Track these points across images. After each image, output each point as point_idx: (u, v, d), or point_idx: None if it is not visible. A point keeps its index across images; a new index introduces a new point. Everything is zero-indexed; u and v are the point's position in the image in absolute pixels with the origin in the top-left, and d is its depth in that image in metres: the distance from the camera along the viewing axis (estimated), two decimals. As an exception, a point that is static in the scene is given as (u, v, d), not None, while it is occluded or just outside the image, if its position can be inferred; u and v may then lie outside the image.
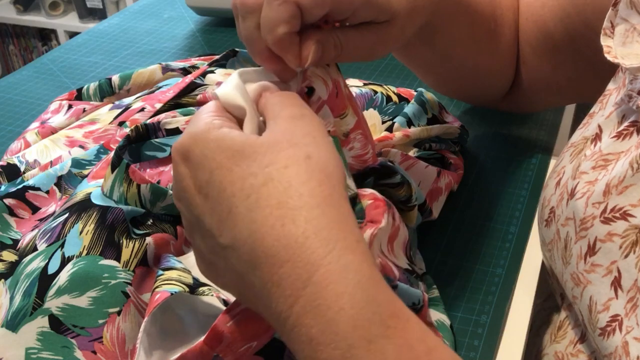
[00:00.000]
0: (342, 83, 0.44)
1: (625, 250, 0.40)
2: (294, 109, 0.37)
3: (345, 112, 0.43)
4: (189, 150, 0.35)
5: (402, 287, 0.42)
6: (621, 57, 0.42)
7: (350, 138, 0.43)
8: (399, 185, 0.48)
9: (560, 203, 0.46)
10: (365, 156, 0.45)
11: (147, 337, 0.37)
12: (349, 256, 0.31)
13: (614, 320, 0.40)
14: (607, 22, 0.44)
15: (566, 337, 0.49)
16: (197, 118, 0.37)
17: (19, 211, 0.52)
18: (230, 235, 0.33)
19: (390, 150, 0.55)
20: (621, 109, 0.44)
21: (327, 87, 0.42)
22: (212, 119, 0.36)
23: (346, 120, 0.43)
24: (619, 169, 0.41)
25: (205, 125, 0.36)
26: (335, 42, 0.42)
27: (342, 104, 0.43)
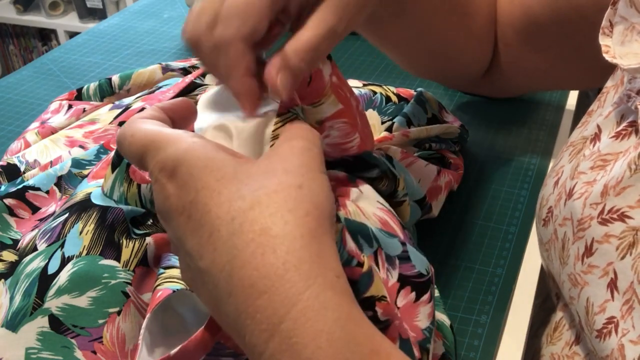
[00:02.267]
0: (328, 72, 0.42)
1: (622, 251, 0.40)
2: (299, 141, 0.36)
3: (321, 101, 0.42)
4: (175, 167, 0.34)
5: (412, 251, 0.42)
6: (619, 56, 0.42)
7: (325, 126, 0.42)
8: (377, 179, 0.46)
9: (558, 203, 0.46)
10: (346, 144, 0.44)
11: (149, 335, 0.37)
12: (328, 292, 0.30)
13: (610, 322, 0.40)
14: (605, 21, 0.44)
15: (562, 338, 0.48)
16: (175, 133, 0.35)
17: (19, 211, 0.52)
18: (210, 258, 0.32)
19: (390, 147, 0.55)
20: (620, 108, 0.43)
21: None
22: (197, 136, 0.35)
23: (322, 109, 0.42)
24: (617, 170, 0.41)
25: (192, 142, 0.34)
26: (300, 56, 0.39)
27: (316, 92, 0.42)
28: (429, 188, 0.55)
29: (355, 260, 0.37)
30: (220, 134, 0.39)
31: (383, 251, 0.41)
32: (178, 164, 0.33)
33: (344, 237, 0.37)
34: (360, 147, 0.45)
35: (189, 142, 0.34)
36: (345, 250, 0.36)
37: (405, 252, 0.41)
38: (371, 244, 0.40)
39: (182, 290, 0.39)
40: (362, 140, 0.45)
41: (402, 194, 0.47)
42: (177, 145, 0.34)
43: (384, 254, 0.41)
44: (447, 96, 0.77)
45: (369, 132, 0.47)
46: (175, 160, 0.34)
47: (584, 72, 0.61)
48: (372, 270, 0.37)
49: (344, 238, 0.37)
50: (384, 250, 0.41)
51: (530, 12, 0.59)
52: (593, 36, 0.45)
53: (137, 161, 0.36)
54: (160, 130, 0.36)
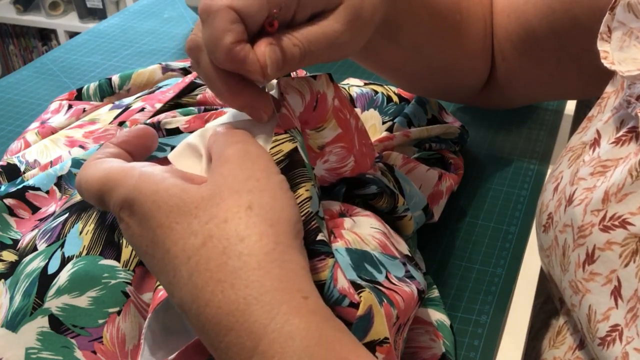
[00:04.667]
0: (331, 96, 0.42)
1: (625, 259, 0.39)
2: (239, 146, 0.35)
3: (323, 126, 0.42)
4: (131, 206, 0.33)
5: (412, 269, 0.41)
6: (618, 62, 0.42)
7: (325, 151, 0.42)
8: (377, 195, 0.46)
9: (558, 209, 0.46)
10: (340, 169, 0.44)
11: (151, 334, 0.37)
12: (294, 320, 0.29)
13: (614, 330, 0.40)
14: (603, 26, 0.44)
15: (565, 342, 0.48)
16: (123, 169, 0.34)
17: (19, 211, 0.52)
18: (178, 297, 0.32)
19: (392, 153, 0.55)
20: (620, 114, 0.43)
21: (304, 100, 0.40)
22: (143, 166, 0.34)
23: (323, 134, 0.42)
24: (618, 176, 0.40)
25: (139, 176, 0.33)
26: (292, 40, 0.37)
27: (320, 117, 0.41)
28: (431, 193, 0.56)
29: (347, 299, 0.35)
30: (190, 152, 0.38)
31: (392, 274, 0.40)
32: (131, 202, 0.33)
33: (335, 274, 0.35)
34: (354, 170, 0.44)
35: (135, 177, 0.34)
36: (337, 288, 0.35)
37: (408, 272, 0.41)
38: (380, 270, 0.39)
39: None
40: (357, 163, 0.44)
41: (403, 209, 0.47)
42: (127, 182, 0.34)
43: (394, 277, 0.40)
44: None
45: (367, 151, 0.46)
46: (128, 199, 0.33)
47: (583, 82, 0.61)
48: (371, 311, 0.35)
49: (335, 275, 0.35)
50: (393, 273, 0.40)
51: (528, 25, 0.59)
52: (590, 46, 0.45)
53: (98, 204, 0.36)
54: (110, 168, 0.35)
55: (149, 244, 0.33)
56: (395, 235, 0.44)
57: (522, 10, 0.60)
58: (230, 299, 0.30)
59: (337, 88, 0.43)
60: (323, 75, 0.42)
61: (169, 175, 0.34)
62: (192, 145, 0.39)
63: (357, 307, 0.35)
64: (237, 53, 0.35)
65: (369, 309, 0.35)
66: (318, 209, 0.37)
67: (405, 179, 0.51)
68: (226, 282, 0.30)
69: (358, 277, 0.37)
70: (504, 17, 0.61)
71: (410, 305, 0.39)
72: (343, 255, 0.38)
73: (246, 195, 0.32)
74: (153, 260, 0.33)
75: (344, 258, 0.38)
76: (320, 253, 0.35)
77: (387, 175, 0.49)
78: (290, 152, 0.37)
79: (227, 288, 0.30)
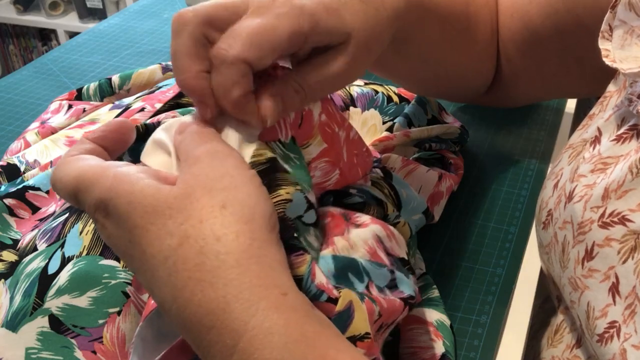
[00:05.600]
0: (317, 112, 0.41)
1: (624, 255, 0.39)
2: (207, 146, 0.34)
3: (309, 142, 0.41)
4: (106, 207, 0.33)
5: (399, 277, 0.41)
6: (619, 60, 0.42)
7: (311, 167, 0.41)
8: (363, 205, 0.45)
9: (558, 206, 0.46)
10: (324, 184, 0.43)
11: (141, 343, 0.37)
12: (273, 316, 0.29)
13: (611, 326, 0.40)
14: (605, 25, 0.44)
15: (563, 341, 0.48)
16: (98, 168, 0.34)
17: (19, 211, 0.52)
18: (159, 296, 0.32)
19: (391, 156, 0.55)
20: (621, 112, 0.43)
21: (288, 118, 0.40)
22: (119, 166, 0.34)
23: (308, 150, 0.41)
24: (618, 173, 0.40)
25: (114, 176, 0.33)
26: (294, 87, 0.38)
27: (306, 134, 0.41)
28: (431, 194, 0.55)
29: (325, 294, 0.35)
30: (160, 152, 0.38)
31: (374, 284, 0.39)
32: (107, 203, 0.33)
33: (313, 269, 0.35)
34: (339, 182, 0.44)
35: (110, 178, 0.33)
36: (314, 284, 0.35)
37: (393, 280, 0.41)
38: (362, 279, 0.39)
39: None
40: (342, 175, 0.44)
41: (394, 216, 0.46)
42: (102, 183, 0.33)
43: (375, 287, 0.39)
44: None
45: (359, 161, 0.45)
46: (103, 200, 0.33)
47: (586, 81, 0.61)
48: (351, 306, 0.35)
49: (313, 271, 0.35)
50: (375, 282, 0.40)
51: (531, 25, 0.59)
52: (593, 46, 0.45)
53: (73, 202, 0.36)
54: (84, 167, 0.35)
55: (127, 244, 0.33)
56: (398, 236, 0.44)
57: (525, 11, 0.60)
58: (210, 298, 0.30)
59: (326, 101, 0.42)
60: None
61: (143, 175, 0.34)
62: (158, 141, 0.38)
63: (335, 303, 0.35)
64: (243, 105, 0.36)
65: (348, 304, 0.35)
66: (302, 214, 0.37)
67: (403, 183, 0.51)
68: (205, 281, 0.30)
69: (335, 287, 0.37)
70: (508, 17, 0.62)
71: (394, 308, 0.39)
72: (328, 262, 0.38)
73: (219, 193, 0.32)
74: (132, 260, 0.33)
75: (327, 265, 0.37)
76: (298, 248, 0.35)
77: (380, 184, 0.49)
78: (271, 159, 0.37)
79: (207, 287, 0.30)
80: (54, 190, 0.37)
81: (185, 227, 0.31)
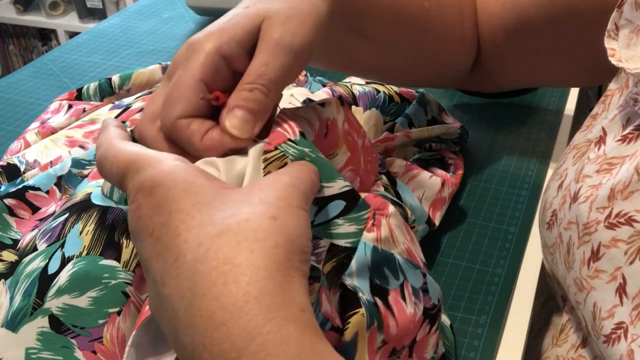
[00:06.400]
0: (341, 120, 0.41)
1: (631, 256, 0.39)
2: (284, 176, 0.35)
3: (335, 152, 0.41)
4: (153, 188, 0.33)
5: (430, 281, 0.41)
6: (625, 59, 0.42)
7: None
8: None
9: (563, 206, 0.45)
10: None
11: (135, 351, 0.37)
12: (290, 326, 0.29)
13: (619, 327, 0.40)
14: (611, 24, 0.44)
15: (568, 340, 0.48)
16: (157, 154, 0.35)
17: (19, 211, 0.52)
18: (172, 285, 0.31)
19: (395, 160, 0.54)
20: (626, 111, 0.43)
21: (313, 128, 0.40)
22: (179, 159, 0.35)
23: (335, 160, 0.41)
24: (624, 174, 0.40)
25: (174, 165, 0.34)
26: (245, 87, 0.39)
27: (332, 144, 0.41)
28: (433, 200, 0.55)
29: (329, 323, 0.35)
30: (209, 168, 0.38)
31: (409, 284, 0.39)
32: (156, 184, 0.33)
33: (320, 298, 0.35)
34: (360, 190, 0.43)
35: (170, 165, 0.34)
36: (320, 312, 0.35)
37: (425, 284, 0.41)
38: (397, 277, 0.39)
39: None
40: (362, 183, 0.44)
41: (412, 219, 0.47)
42: (159, 167, 0.34)
43: (410, 287, 0.39)
44: (447, 97, 0.77)
45: (371, 168, 0.46)
46: (154, 181, 0.33)
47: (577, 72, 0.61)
48: (356, 339, 0.35)
49: (320, 299, 0.35)
50: (410, 282, 0.39)
51: (525, 13, 0.59)
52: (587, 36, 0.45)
53: (117, 181, 0.36)
54: (142, 151, 0.36)
55: (157, 226, 0.32)
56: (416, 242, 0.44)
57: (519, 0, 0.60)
58: (231, 292, 0.29)
59: (347, 110, 0.42)
60: (333, 100, 0.42)
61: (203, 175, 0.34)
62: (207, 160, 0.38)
63: (338, 331, 0.35)
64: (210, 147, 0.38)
65: (354, 336, 0.35)
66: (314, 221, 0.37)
67: (407, 191, 0.51)
68: (230, 275, 0.29)
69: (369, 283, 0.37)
70: (498, 6, 0.62)
71: (407, 330, 0.38)
72: (367, 254, 0.38)
73: (274, 209, 0.32)
74: (155, 244, 0.32)
75: (365, 257, 0.37)
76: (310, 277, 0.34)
77: (390, 191, 0.49)
78: None
79: (230, 281, 0.29)
80: (99, 169, 0.38)
81: (230, 222, 0.31)
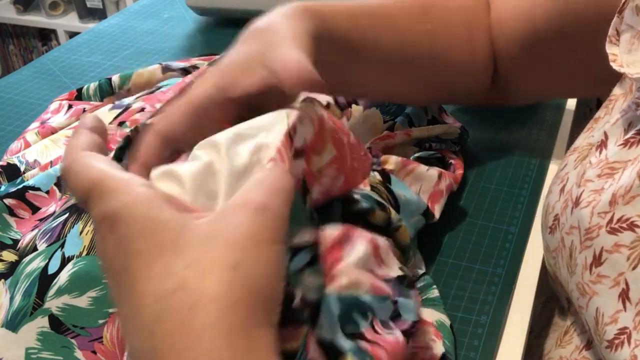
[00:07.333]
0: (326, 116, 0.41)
1: (634, 262, 0.39)
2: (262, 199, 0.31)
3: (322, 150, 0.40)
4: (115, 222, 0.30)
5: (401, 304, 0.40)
6: (627, 65, 0.42)
7: (323, 174, 0.40)
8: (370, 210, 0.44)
9: (565, 211, 0.45)
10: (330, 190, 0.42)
11: None
12: None
13: (622, 333, 0.39)
14: (612, 29, 0.44)
15: (572, 342, 0.48)
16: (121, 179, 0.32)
17: (19, 211, 0.52)
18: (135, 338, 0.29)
19: (390, 157, 0.54)
20: (628, 116, 0.43)
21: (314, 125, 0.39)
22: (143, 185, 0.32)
23: (322, 157, 0.40)
24: (626, 179, 0.40)
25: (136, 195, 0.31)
26: None
27: (322, 141, 0.40)
28: (431, 193, 0.55)
29: None
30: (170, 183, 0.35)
31: (378, 319, 0.38)
32: (118, 218, 0.30)
33: (307, 343, 0.33)
34: (343, 187, 0.43)
35: (132, 195, 0.31)
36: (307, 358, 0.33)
37: (396, 311, 0.39)
38: (366, 317, 0.38)
39: None
40: (346, 180, 0.43)
41: (397, 219, 0.46)
42: (121, 197, 0.31)
43: (379, 321, 0.38)
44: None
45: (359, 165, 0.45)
46: (116, 214, 0.30)
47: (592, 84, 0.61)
48: None
49: (308, 345, 0.33)
50: (378, 317, 0.38)
51: (535, 27, 0.59)
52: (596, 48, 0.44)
53: (81, 200, 0.33)
54: (107, 173, 0.32)
55: (120, 270, 0.30)
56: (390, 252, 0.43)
57: (529, 13, 0.60)
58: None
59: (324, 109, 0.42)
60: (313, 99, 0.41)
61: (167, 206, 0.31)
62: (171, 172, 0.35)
63: None
64: None
65: None
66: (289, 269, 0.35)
67: (402, 185, 0.51)
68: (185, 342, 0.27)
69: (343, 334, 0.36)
70: (511, 19, 0.62)
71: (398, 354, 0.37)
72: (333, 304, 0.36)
73: (237, 253, 0.29)
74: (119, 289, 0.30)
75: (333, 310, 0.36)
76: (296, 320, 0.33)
77: (378, 188, 0.49)
78: None
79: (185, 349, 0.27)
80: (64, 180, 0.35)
81: (188, 274, 0.28)
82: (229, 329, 0.27)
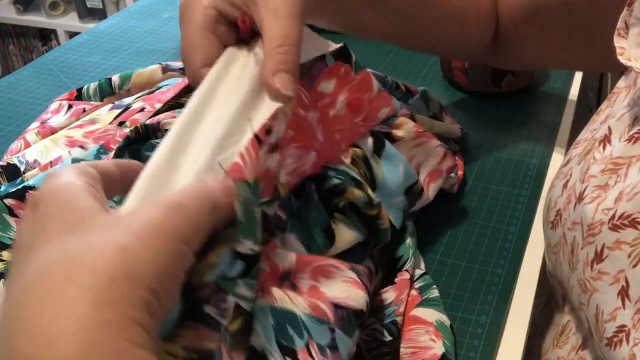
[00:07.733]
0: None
1: (634, 259, 0.39)
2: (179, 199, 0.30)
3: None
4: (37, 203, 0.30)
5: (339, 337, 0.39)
6: (635, 58, 0.41)
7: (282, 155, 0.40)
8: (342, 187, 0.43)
9: (568, 206, 0.45)
10: (301, 168, 0.42)
11: None
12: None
13: (620, 330, 0.39)
14: (621, 22, 0.43)
15: (568, 342, 0.48)
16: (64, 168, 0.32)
17: (19, 211, 0.52)
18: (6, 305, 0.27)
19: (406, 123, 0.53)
20: (633, 111, 0.43)
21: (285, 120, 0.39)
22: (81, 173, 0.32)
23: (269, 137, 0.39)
24: (634, 177, 0.40)
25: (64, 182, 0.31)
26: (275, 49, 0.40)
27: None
28: (431, 170, 0.55)
29: None
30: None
31: (314, 341, 0.37)
32: (40, 200, 0.30)
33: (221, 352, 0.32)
34: (317, 163, 0.43)
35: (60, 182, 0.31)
36: None
37: (333, 340, 0.38)
38: (301, 335, 0.37)
39: None
40: (320, 156, 0.43)
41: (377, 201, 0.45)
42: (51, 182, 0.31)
43: (315, 345, 0.38)
44: (447, 96, 0.77)
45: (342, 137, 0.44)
46: (41, 196, 0.30)
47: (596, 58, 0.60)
48: None
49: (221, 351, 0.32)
50: (314, 340, 0.38)
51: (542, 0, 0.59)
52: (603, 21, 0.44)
53: None
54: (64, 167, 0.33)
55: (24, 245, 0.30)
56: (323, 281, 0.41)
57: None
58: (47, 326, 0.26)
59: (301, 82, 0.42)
60: None
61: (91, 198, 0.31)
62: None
63: None
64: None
65: None
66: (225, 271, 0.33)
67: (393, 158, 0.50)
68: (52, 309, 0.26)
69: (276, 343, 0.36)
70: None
71: None
72: (267, 314, 0.36)
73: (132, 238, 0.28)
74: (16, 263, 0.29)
75: (267, 319, 0.36)
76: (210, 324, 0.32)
77: (358, 163, 0.48)
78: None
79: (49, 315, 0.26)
80: None
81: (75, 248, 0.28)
82: (103, 303, 0.26)
